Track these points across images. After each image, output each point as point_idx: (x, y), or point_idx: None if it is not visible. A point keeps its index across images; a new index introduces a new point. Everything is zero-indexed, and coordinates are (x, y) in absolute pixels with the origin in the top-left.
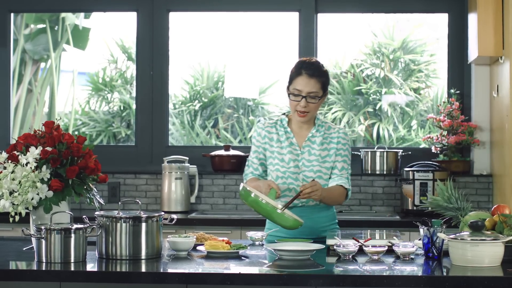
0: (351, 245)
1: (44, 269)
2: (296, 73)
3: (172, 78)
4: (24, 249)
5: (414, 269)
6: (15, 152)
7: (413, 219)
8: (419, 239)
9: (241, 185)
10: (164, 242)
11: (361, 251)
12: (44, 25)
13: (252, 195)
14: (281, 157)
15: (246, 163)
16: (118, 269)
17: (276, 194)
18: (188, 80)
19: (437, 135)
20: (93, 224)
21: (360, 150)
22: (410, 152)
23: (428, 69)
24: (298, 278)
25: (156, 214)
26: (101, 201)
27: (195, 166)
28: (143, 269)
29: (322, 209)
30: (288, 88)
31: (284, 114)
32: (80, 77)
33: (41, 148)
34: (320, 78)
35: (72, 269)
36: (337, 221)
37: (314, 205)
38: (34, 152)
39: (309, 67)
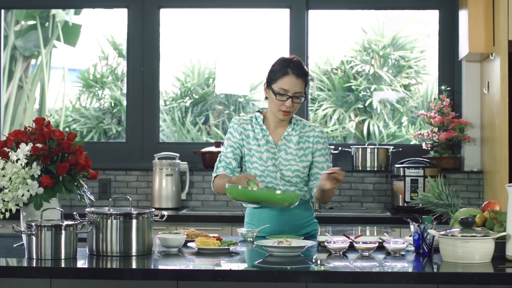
0: (341, 242)
1: (34, 265)
2: (282, 72)
3: (163, 74)
4: (14, 245)
5: (404, 266)
6: (5, 148)
7: (404, 215)
8: (410, 236)
9: (226, 185)
10: (154, 238)
11: (351, 248)
12: (34, 22)
13: (239, 187)
14: (259, 155)
15: (218, 158)
16: (108, 266)
17: (255, 184)
18: (179, 76)
19: (427, 132)
20: (84, 220)
21: (351, 146)
22: (400, 149)
23: (418, 65)
24: (289, 274)
25: (147, 211)
26: (92, 197)
27: (186, 162)
28: (134, 266)
29: (301, 205)
30: (269, 86)
31: (258, 111)
32: (71, 73)
33: (32, 145)
34: (305, 78)
35: (63, 265)
36: (314, 215)
37: None
38: (25, 148)
39: (295, 67)
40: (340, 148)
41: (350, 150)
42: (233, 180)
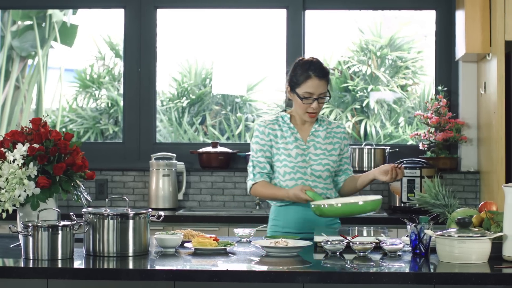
0: (338, 242)
1: (31, 266)
2: (304, 76)
3: (160, 75)
4: (11, 246)
5: (401, 266)
6: (2, 149)
7: (401, 216)
8: (407, 236)
9: (311, 205)
10: (151, 239)
11: (348, 248)
12: (31, 22)
13: (326, 205)
14: (288, 153)
15: (249, 164)
16: (105, 266)
17: (311, 192)
18: (175, 77)
19: (424, 132)
20: (81, 221)
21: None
22: (397, 149)
23: (415, 66)
24: (286, 275)
25: (144, 211)
26: (89, 198)
27: (183, 163)
28: (131, 266)
29: None
30: (293, 90)
31: (284, 110)
32: (68, 74)
33: (28, 145)
34: (327, 78)
35: (59, 266)
36: None
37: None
38: (21, 149)
39: (316, 69)
40: None
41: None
42: (291, 194)
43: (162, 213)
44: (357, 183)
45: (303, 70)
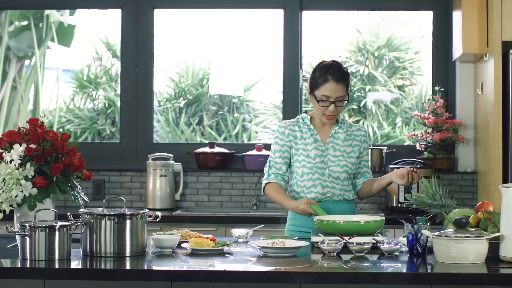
0: (335, 242)
1: (28, 266)
2: (322, 79)
3: (157, 75)
4: (8, 246)
5: (398, 266)
6: None
7: (398, 216)
8: (404, 236)
9: (314, 219)
10: (148, 239)
11: (345, 248)
12: (28, 22)
13: (329, 222)
14: (307, 153)
15: (267, 164)
16: (102, 267)
17: (315, 205)
18: (173, 77)
19: (421, 133)
20: (78, 221)
21: None
22: (394, 150)
23: (413, 66)
24: (283, 275)
25: (141, 212)
26: (86, 198)
27: (180, 163)
28: (128, 267)
29: (344, 204)
30: (312, 92)
31: (305, 112)
32: (65, 74)
33: (25, 146)
34: (346, 81)
35: (57, 266)
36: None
37: (338, 200)
38: (18, 149)
39: (334, 73)
40: None
41: None
42: (295, 205)
43: (159, 213)
44: (372, 187)
45: (322, 73)
